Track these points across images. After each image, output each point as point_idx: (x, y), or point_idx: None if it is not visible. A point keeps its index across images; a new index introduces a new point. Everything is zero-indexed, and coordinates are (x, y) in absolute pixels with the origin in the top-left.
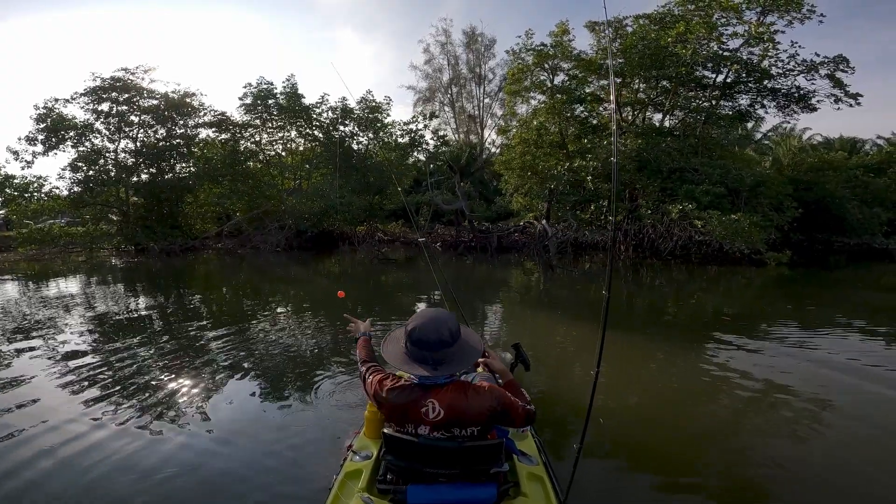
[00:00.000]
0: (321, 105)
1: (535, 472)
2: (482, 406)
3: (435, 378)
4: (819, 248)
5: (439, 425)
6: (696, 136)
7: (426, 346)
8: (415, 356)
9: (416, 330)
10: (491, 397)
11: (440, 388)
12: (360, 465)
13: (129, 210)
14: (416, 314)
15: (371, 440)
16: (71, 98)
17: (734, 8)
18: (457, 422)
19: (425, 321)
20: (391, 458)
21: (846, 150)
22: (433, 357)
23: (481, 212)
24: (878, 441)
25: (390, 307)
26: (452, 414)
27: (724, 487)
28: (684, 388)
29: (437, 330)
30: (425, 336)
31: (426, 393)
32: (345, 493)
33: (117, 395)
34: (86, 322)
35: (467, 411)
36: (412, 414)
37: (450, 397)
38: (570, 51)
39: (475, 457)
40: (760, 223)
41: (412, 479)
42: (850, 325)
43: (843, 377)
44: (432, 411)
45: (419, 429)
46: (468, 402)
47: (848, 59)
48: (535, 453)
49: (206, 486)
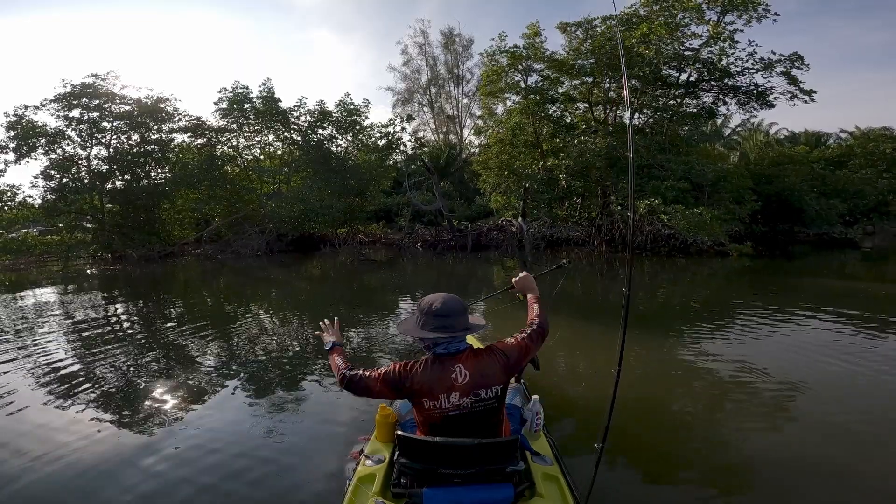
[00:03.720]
0: (299, 108)
1: (551, 473)
2: (496, 363)
3: (458, 344)
4: (783, 238)
5: (468, 389)
6: (663, 134)
7: (446, 315)
8: (434, 325)
9: (435, 305)
10: (497, 351)
11: (461, 353)
12: (374, 470)
13: (104, 217)
14: (426, 297)
15: (383, 444)
16: (41, 105)
17: (695, 8)
18: (481, 382)
19: (440, 298)
20: (405, 460)
21: (811, 144)
22: (452, 323)
23: (462, 211)
24: (848, 424)
25: (373, 307)
26: (476, 374)
27: (710, 477)
28: (664, 378)
29: (451, 302)
30: (444, 308)
31: (452, 360)
32: (359, 498)
33: (102, 403)
34: (64, 331)
35: (486, 371)
36: (444, 382)
37: (472, 360)
38: (543, 52)
39: (491, 455)
40: (722, 216)
41: (427, 481)
42: (813, 311)
43: (811, 361)
44: (461, 375)
45: (451, 397)
46: (483, 362)
47: (803, 56)
48: (548, 453)
49: (208, 496)
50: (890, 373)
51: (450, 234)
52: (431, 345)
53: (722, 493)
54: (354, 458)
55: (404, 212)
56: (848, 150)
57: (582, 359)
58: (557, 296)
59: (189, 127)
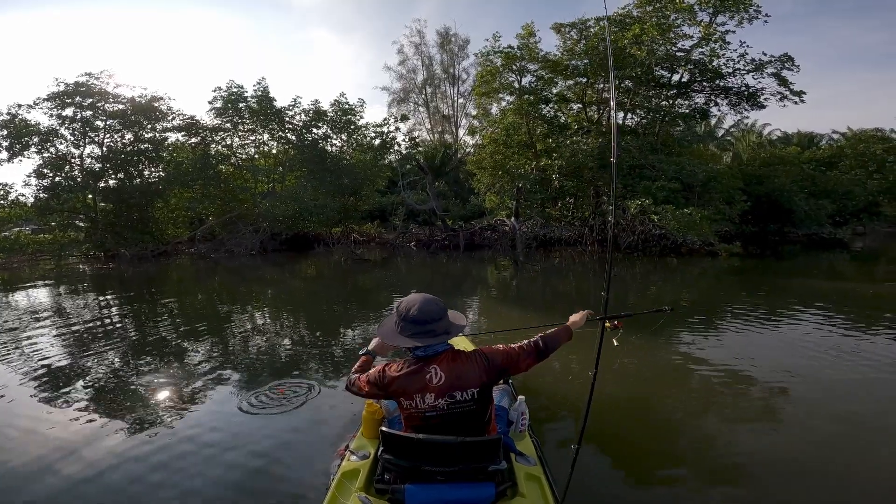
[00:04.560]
0: (294, 108)
1: (533, 473)
2: (475, 367)
3: (434, 347)
4: (773, 238)
5: (442, 391)
6: (655, 134)
7: (422, 321)
8: (412, 331)
9: (412, 309)
10: (477, 356)
11: (438, 356)
12: (358, 465)
13: (97, 216)
14: (404, 299)
15: (369, 440)
16: (34, 103)
17: (688, 9)
18: (457, 384)
19: (418, 301)
20: (389, 457)
21: (803, 145)
22: (431, 329)
23: (457, 211)
24: (834, 424)
25: (367, 306)
26: (451, 376)
27: (696, 476)
28: (652, 377)
29: (430, 306)
30: (421, 313)
31: (428, 362)
32: (342, 494)
33: (92, 403)
34: (56, 330)
35: (462, 374)
36: (418, 383)
37: (447, 363)
38: (537, 52)
39: (473, 453)
40: (711, 216)
41: (410, 478)
42: (801, 311)
43: (799, 361)
44: (435, 376)
45: (426, 398)
46: (461, 365)
47: (793, 57)
48: (532, 453)
49: (197, 492)
50: (877, 373)
51: (443, 233)
52: (412, 346)
53: (704, 491)
54: (340, 454)
55: (399, 211)
56: (839, 150)
57: (571, 359)
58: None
59: (183, 126)
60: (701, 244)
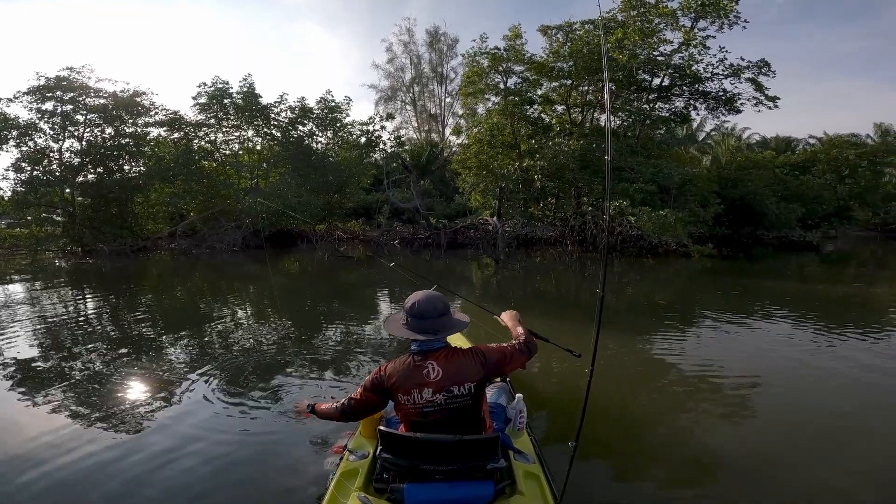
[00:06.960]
0: (279, 104)
1: (532, 471)
2: (473, 363)
3: (432, 343)
4: (746, 241)
5: (440, 386)
6: (635, 137)
7: (425, 317)
8: (416, 327)
9: (416, 306)
10: (477, 352)
11: (436, 352)
12: (357, 465)
13: (75, 211)
14: (412, 295)
15: (367, 439)
16: (14, 97)
17: (670, 14)
18: (454, 379)
19: (423, 299)
20: (388, 456)
21: (780, 149)
22: (432, 325)
23: (441, 209)
24: (805, 418)
25: (350, 303)
26: (448, 371)
27: (679, 471)
28: (632, 376)
29: (433, 304)
30: (424, 310)
31: (426, 357)
32: (341, 493)
33: (71, 402)
34: (32, 326)
35: (459, 370)
36: (416, 378)
37: (444, 359)
38: (523, 54)
39: (471, 452)
40: (686, 219)
41: (409, 477)
42: (771, 310)
43: (771, 359)
44: (433, 371)
45: (424, 392)
46: (458, 361)
47: (770, 63)
48: (530, 451)
49: (193, 494)
50: (844, 369)
51: (427, 231)
52: (412, 342)
53: (689, 485)
54: (337, 452)
55: (383, 209)
56: (812, 155)
57: (562, 357)
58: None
59: (166, 121)
60: (675, 245)
